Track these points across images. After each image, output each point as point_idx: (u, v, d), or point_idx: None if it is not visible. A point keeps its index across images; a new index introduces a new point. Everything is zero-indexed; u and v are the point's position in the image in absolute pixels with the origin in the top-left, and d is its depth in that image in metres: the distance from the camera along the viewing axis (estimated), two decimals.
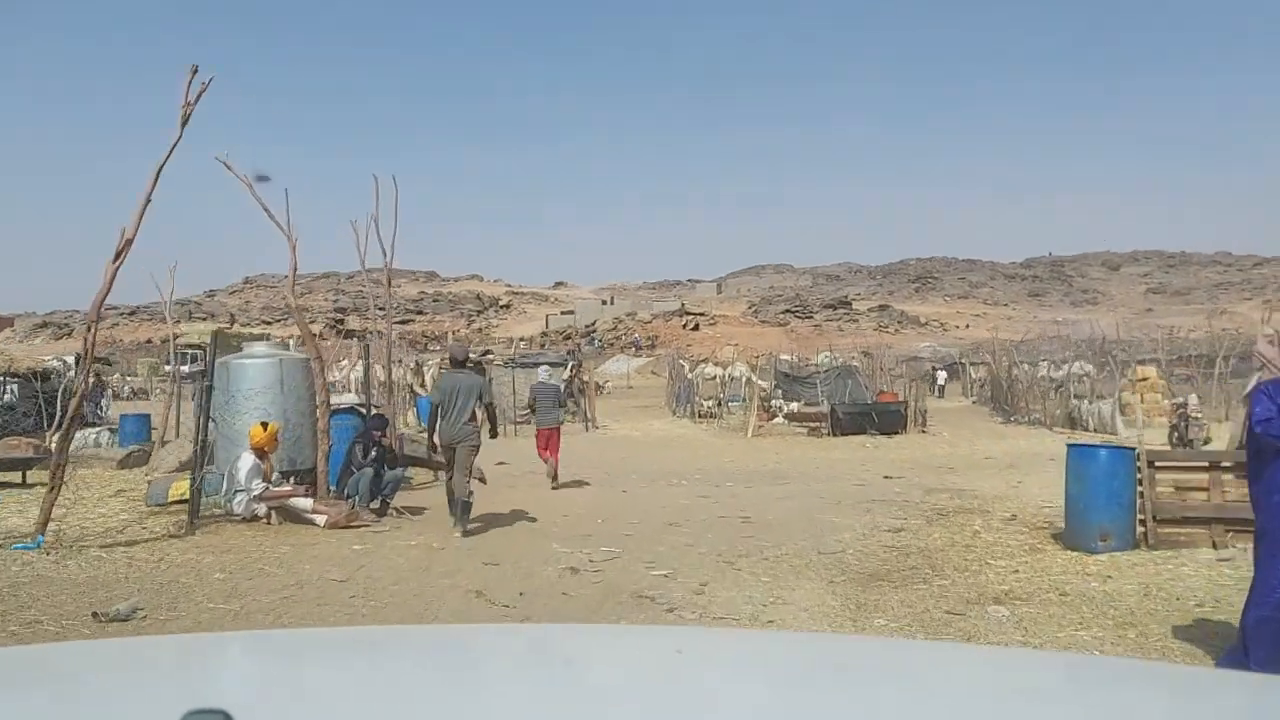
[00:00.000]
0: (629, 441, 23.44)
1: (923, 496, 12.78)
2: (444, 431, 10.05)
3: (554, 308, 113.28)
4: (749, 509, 11.70)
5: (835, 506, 11.93)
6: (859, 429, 22.76)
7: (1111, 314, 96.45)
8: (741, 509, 11.68)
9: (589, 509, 11.69)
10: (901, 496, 12.80)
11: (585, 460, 18.80)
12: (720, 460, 19.00)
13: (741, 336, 77.48)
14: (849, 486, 14.12)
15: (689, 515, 11.17)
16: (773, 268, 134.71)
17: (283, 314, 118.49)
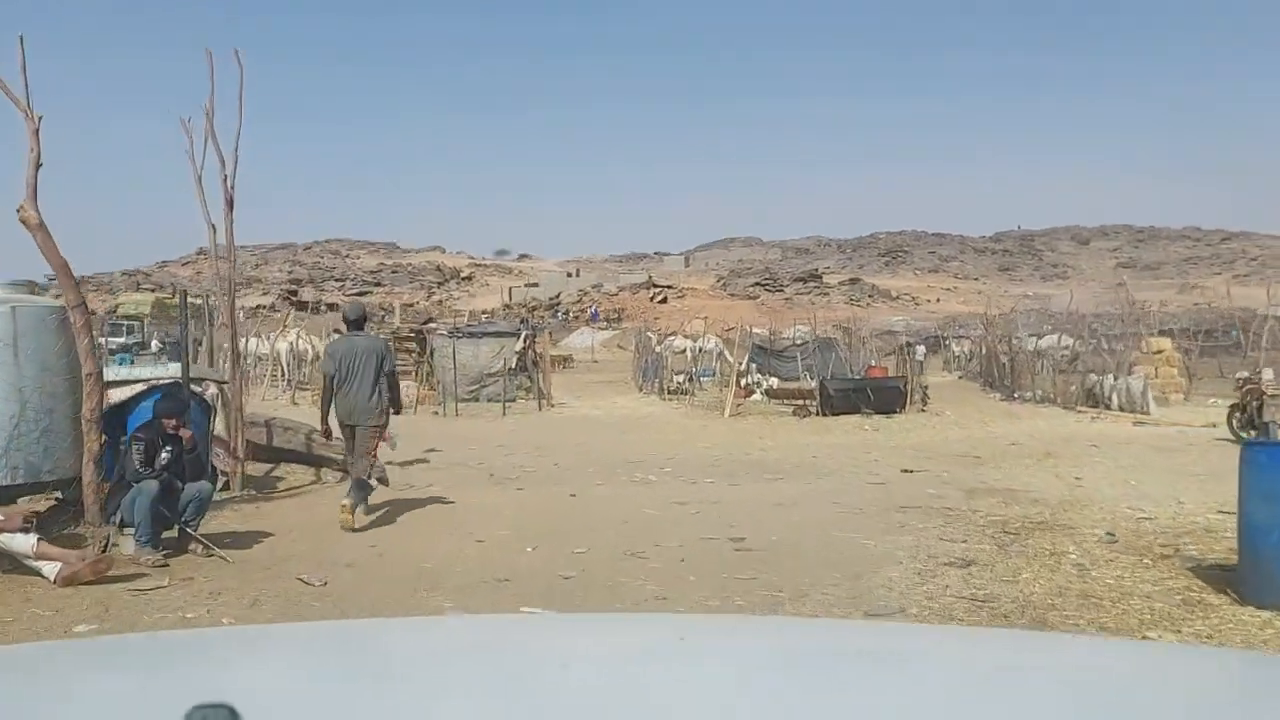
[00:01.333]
0: (589, 422, 20.11)
1: (966, 501, 9.58)
2: (341, 407, 8.21)
3: (518, 280, 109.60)
4: (742, 523, 8.41)
5: (857, 518, 8.70)
6: (852, 408, 19.60)
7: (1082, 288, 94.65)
8: (731, 523, 8.39)
9: (519, 526, 8.32)
10: (938, 500, 9.59)
11: (532, 448, 15.46)
12: (696, 446, 15.72)
13: (710, 309, 74.35)
14: (864, 485, 10.90)
15: (659, 535, 7.87)
16: (741, 241, 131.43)
17: (236, 284, 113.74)
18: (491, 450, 15.30)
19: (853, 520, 8.60)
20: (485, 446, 15.80)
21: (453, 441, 16.57)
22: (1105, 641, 3.21)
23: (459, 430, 18.59)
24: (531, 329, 25.32)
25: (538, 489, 10.80)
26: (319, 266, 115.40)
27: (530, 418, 20.87)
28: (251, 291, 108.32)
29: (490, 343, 25.02)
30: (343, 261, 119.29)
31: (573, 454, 14.71)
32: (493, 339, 25.21)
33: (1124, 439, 15.48)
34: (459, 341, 25.09)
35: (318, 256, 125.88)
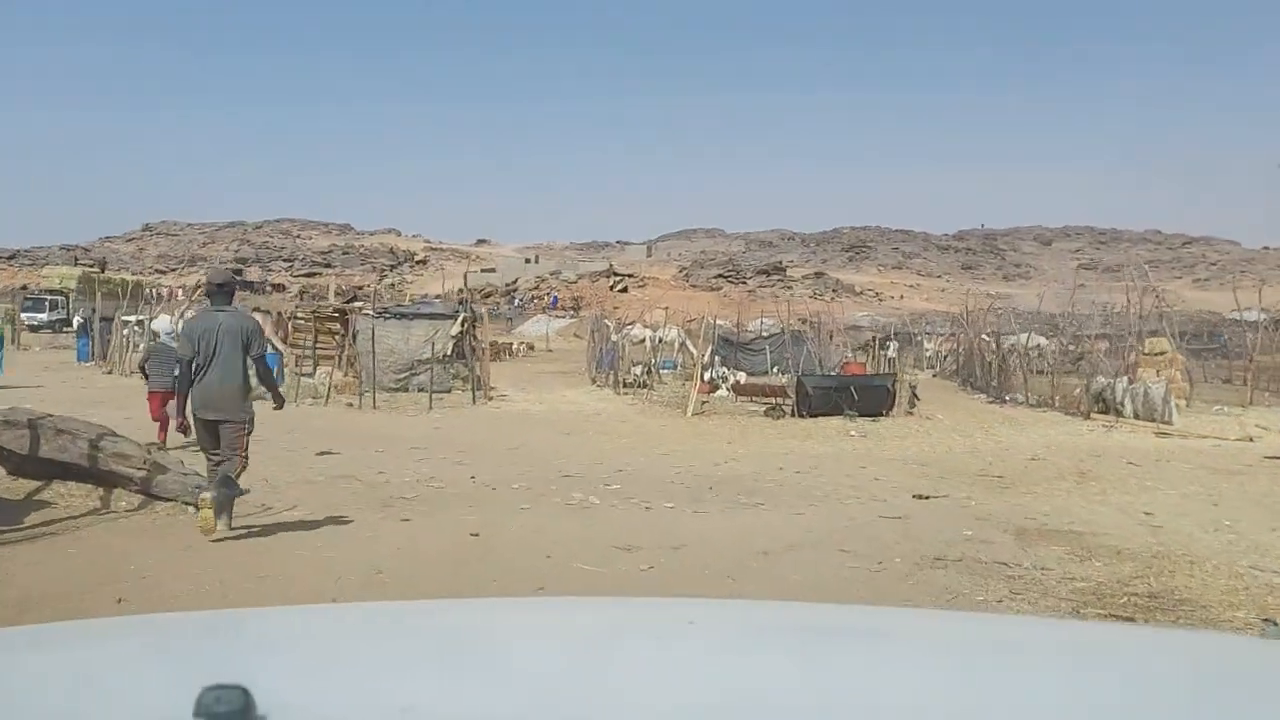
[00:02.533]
0: (529, 420, 17.25)
1: (1022, 550, 6.90)
2: (197, 397, 6.88)
3: (474, 265, 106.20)
4: (716, 588, 5.67)
5: (880, 579, 5.99)
6: (833, 408, 16.95)
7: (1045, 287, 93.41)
8: (701, 589, 5.64)
9: (370, 595, 5.47)
10: (984, 548, 6.90)
11: (453, 452, 12.60)
12: (653, 453, 12.94)
13: (672, 300, 71.65)
14: (873, 518, 8.18)
15: None
16: (704, 232, 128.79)
17: (179, 262, 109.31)
18: (402, 455, 12.43)
19: (876, 583, 5.88)
20: (396, 449, 12.91)
21: (359, 442, 13.66)
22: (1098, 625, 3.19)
23: (372, 427, 15.65)
24: (470, 311, 22.30)
25: (433, 519, 7.92)
26: (268, 246, 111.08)
27: (462, 413, 17.97)
28: (195, 270, 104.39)
29: (422, 326, 22.02)
30: (293, 242, 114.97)
31: (500, 462, 11.86)
32: (425, 321, 22.22)
33: (1159, 454, 12.95)
34: (387, 323, 22.04)
35: (268, 236, 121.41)
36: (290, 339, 23.64)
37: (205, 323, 6.99)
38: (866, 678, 1.25)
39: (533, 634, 1.51)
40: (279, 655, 1.35)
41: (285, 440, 14.00)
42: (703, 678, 1.21)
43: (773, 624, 1.65)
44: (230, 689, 0.87)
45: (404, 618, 1.71)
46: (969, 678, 1.26)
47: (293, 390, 19.22)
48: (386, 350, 21.90)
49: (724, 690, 1.15)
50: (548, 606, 2.33)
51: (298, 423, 16.38)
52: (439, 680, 1.20)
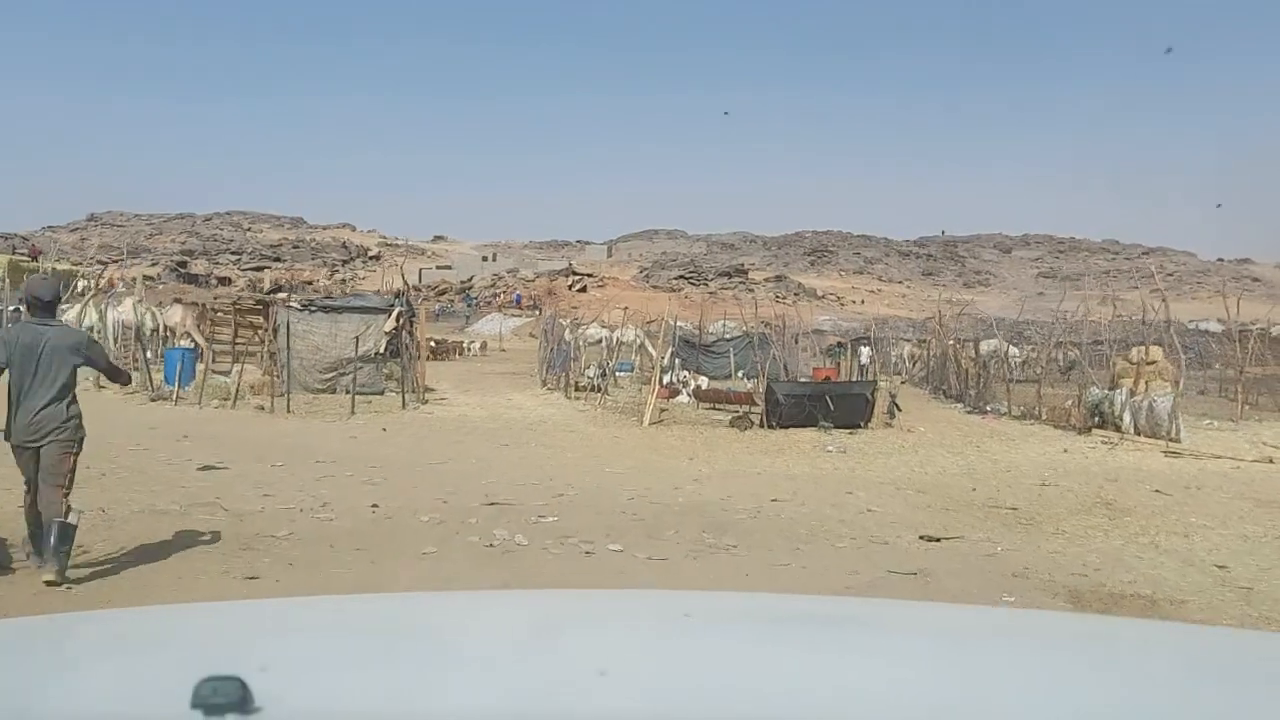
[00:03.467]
0: (464, 428, 15.18)
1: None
2: (19, 423, 5.69)
3: (430, 261, 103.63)
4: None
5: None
6: (806, 418, 15.10)
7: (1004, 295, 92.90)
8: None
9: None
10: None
11: (363, 469, 10.56)
12: (602, 471, 10.97)
13: (632, 300, 69.61)
14: (881, 574, 6.27)
15: None
16: (665, 233, 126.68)
17: (122, 253, 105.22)
18: (302, 471, 10.37)
19: None
20: (298, 464, 10.85)
21: (258, 453, 11.57)
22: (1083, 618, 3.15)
23: (279, 435, 13.52)
24: (407, 305, 20.16)
25: (293, 574, 5.88)
26: (216, 238, 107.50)
27: (389, 419, 15.85)
28: (139, 261, 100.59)
29: (353, 320, 19.84)
30: (242, 234, 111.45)
31: (417, 483, 9.84)
32: (356, 316, 20.04)
33: (1185, 480, 11.22)
34: (312, 317, 19.84)
35: (217, 228, 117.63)
36: (209, 333, 21.31)
37: (27, 337, 5.85)
38: (855, 667, 1.25)
39: (528, 626, 1.50)
40: (275, 647, 1.33)
41: (171, 450, 11.88)
42: (694, 668, 1.21)
43: (766, 615, 1.66)
44: (227, 680, 0.87)
45: (401, 609, 1.71)
46: (962, 668, 1.26)
47: (198, 391, 17.03)
48: (312, 347, 19.71)
49: (713, 679, 1.16)
50: (544, 599, 2.20)
51: (196, 428, 14.26)
52: (433, 672, 1.19)
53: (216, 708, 0.86)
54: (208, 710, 0.86)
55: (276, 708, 0.91)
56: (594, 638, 1.43)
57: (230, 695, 0.87)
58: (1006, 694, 1.14)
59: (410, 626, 1.51)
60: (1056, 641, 1.50)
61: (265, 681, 0.92)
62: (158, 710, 0.98)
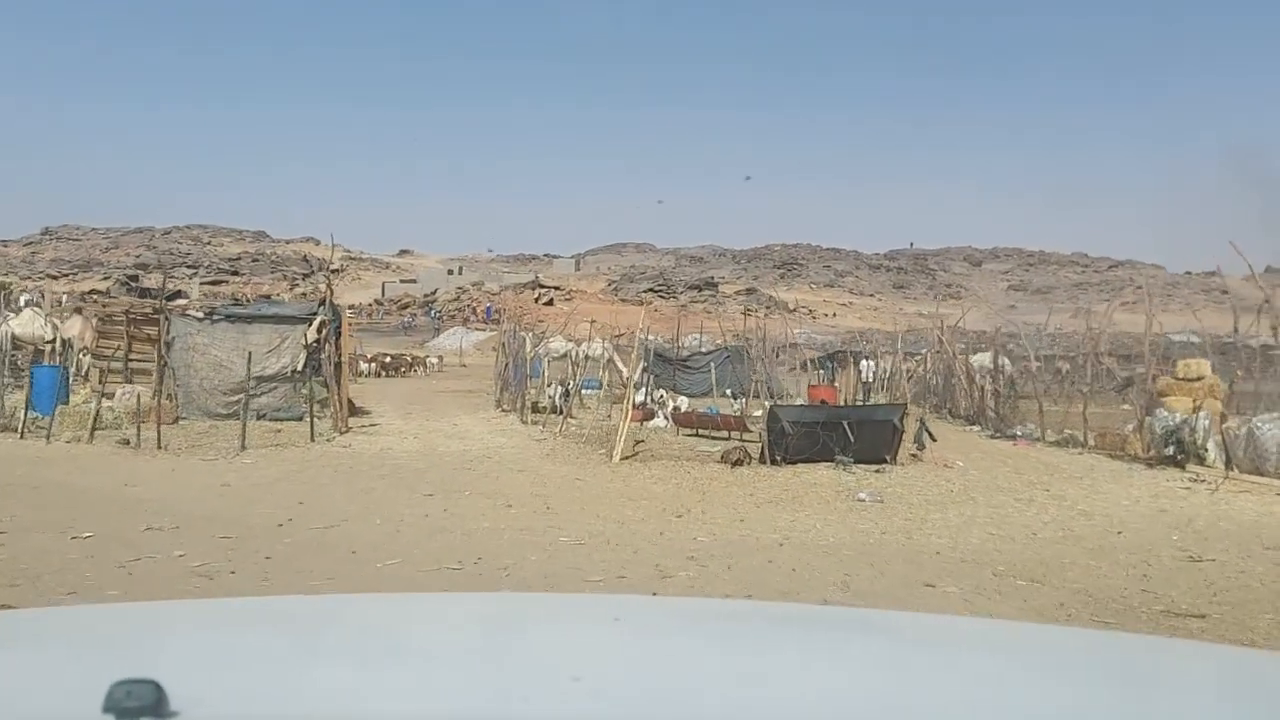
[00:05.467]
0: (384, 467, 11.61)
1: None
2: None
3: (394, 275, 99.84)
4: None
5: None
6: (817, 452, 11.72)
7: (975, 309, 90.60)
8: None
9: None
10: None
11: (209, 541, 7.02)
12: (554, 545, 7.47)
13: (600, 313, 66.28)
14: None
15: None
16: (634, 246, 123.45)
17: (75, 268, 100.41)
18: (106, 549, 6.86)
19: None
20: (115, 532, 7.34)
21: (69, 511, 8.04)
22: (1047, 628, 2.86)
23: (127, 482, 9.93)
24: (332, 312, 16.56)
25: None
26: (173, 253, 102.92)
27: (288, 456, 12.25)
28: (91, 276, 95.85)
29: (264, 331, 16.23)
30: (201, 248, 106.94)
31: (272, 570, 6.34)
32: (268, 326, 16.41)
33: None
34: (214, 328, 16.18)
35: (176, 242, 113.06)
36: (97, 347, 17.59)
37: None
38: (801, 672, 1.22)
39: (451, 629, 1.45)
40: (193, 648, 1.28)
41: None
42: (625, 671, 1.19)
43: (696, 619, 1.64)
44: (141, 683, 0.84)
45: (319, 611, 1.65)
46: (913, 675, 1.24)
47: (60, 419, 13.36)
48: (213, 364, 16.07)
49: (645, 683, 1.13)
50: (464, 601, 2.10)
51: (23, 470, 10.66)
52: (353, 673, 1.15)
53: (130, 711, 0.82)
54: (120, 714, 0.82)
55: (193, 711, 0.87)
56: (526, 642, 1.36)
57: (145, 699, 0.83)
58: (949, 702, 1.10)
59: (329, 628, 1.43)
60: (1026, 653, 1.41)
61: (182, 684, 0.87)
62: (68, 714, 0.93)
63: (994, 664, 1.31)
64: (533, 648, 1.32)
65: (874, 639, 1.46)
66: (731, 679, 1.16)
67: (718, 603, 2.80)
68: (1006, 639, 1.56)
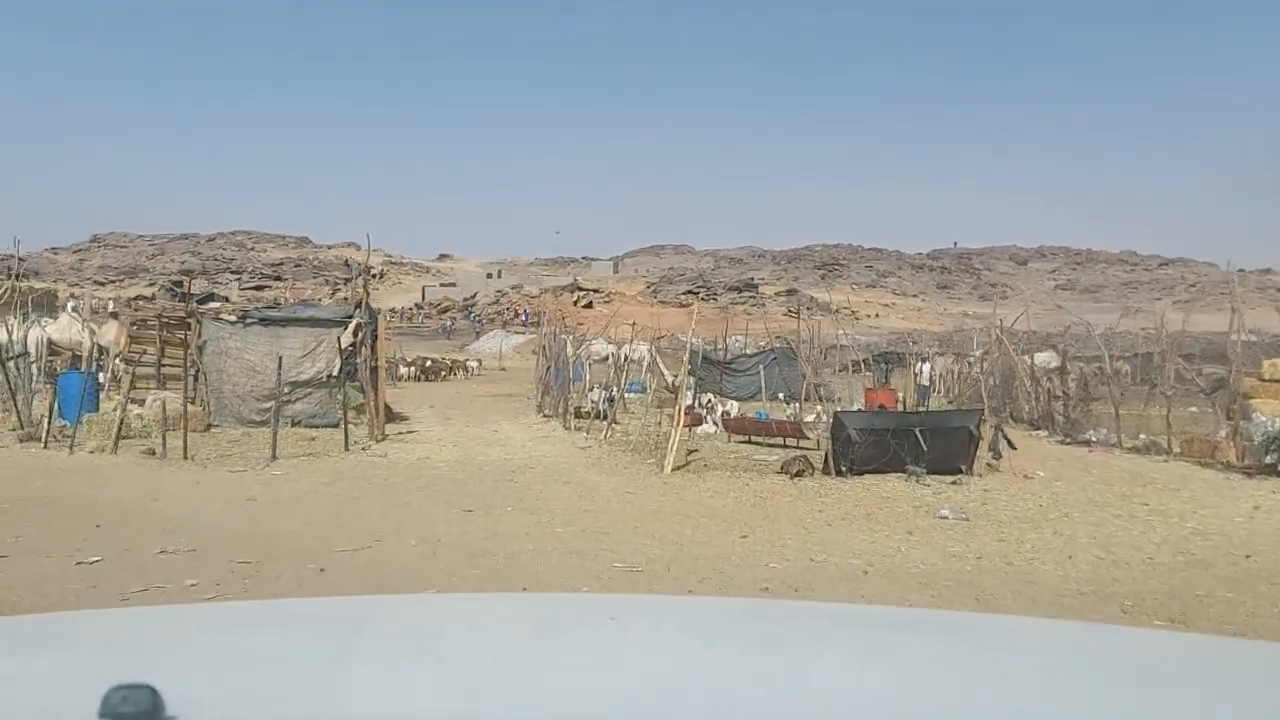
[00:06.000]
0: (421, 478, 10.84)
1: None
2: None
3: (435, 279, 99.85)
4: None
5: None
6: (887, 462, 10.76)
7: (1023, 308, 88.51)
8: None
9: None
10: None
11: (228, 566, 6.23)
12: (608, 572, 6.63)
13: (640, 316, 65.56)
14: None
15: None
16: (672, 248, 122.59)
17: (121, 274, 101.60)
18: (112, 576, 6.15)
19: None
20: (126, 555, 6.63)
21: (81, 531, 7.35)
22: None
23: (150, 496, 9.25)
24: (369, 314, 15.88)
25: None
26: (218, 258, 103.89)
27: (320, 466, 11.52)
28: (137, 281, 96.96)
29: (299, 335, 15.59)
30: (245, 254, 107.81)
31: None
32: (304, 329, 15.76)
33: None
34: (247, 332, 15.56)
35: (220, 248, 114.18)
36: (130, 352, 17.06)
37: None
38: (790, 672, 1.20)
39: (446, 630, 1.42)
40: (188, 653, 1.28)
41: None
42: (627, 674, 1.17)
43: (693, 618, 1.62)
44: (137, 688, 0.84)
45: (313, 614, 1.65)
46: (906, 672, 1.22)
47: (88, 427, 12.77)
48: (246, 369, 15.46)
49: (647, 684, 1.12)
50: (467, 603, 2.08)
51: (40, 484, 9.97)
52: (347, 676, 1.14)
53: (126, 716, 0.81)
54: (116, 719, 0.81)
55: (189, 715, 0.87)
56: (522, 642, 1.35)
57: (141, 703, 0.82)
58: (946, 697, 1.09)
59: (323, 631, 1.41)
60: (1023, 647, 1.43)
61: (178, 688, 0.87)
62: (64, 719, 0.93)
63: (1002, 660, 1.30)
64: (527, 648, 1.29)
65: (884, 635, 1.45)
66: (745, 678, 1.14)
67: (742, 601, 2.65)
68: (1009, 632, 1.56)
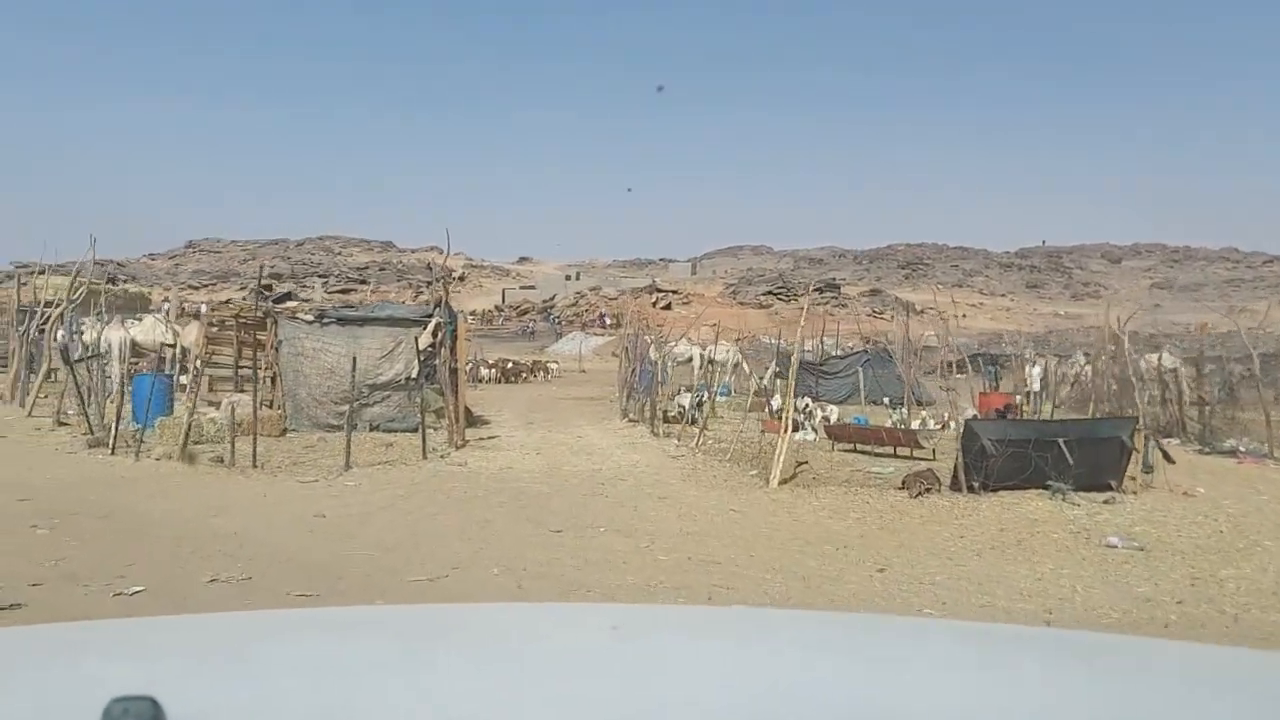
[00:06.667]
0: (504, 490, 9.84)
1: None
2: None
3: (514, 282, 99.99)
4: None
5: None
6: (1028, 477, 9.38)
7: (1118, 308, 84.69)
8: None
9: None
10: None
11: (281, 597, 5.13)
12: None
13: (719, 317, 64.35)
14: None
15: None
16: (751, 249, 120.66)
17: (214, 278, 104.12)
18: (149, 614, 5.22)
19: None
20: (169, 581, 5.73)
21: (128, 551, 6.52)
22: None
23: (211, 509, 8.41)
24: (448, 314, 15.01)
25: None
26: (305, 262, 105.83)
27: (397, 477, 10.61)
28: (229, 285, 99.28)
29: (377, 335, 14.80)
30: (331, 258, 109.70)
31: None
32: (382, 329, 14.97)
33: None
34: (324, 331, 14.83)
35: (309, 252, 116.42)
36: (202, 354, 16.52)
37: None
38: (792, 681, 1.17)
39: (444, 639, 1.39)
40: (190, 664, 1.25)
41: None
42: (628, 685, 1.15)
43: (695, 628, 1.57)
44: (138, 700, 0.83)
45: (318, 624, 1.62)
46: (919, 683, 1.18)
47: (159, 431, 12.13)
48: (324, 370, 14.73)
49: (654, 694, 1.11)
50: (465, 612, 1.94)
51: (94, 495, 9.26)
52: (352, 687, 1.11)
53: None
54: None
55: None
56: (522, 651, 1.30)
57: (142, 715, 0.82)
58: None
59: (328, 642, 1.36)
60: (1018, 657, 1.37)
61: (180, 701, 0.86)
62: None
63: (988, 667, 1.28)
64: (527, 659, 1.26)
65: (885, 643, 1.42)
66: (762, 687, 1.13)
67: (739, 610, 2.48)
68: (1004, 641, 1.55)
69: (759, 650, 1.35)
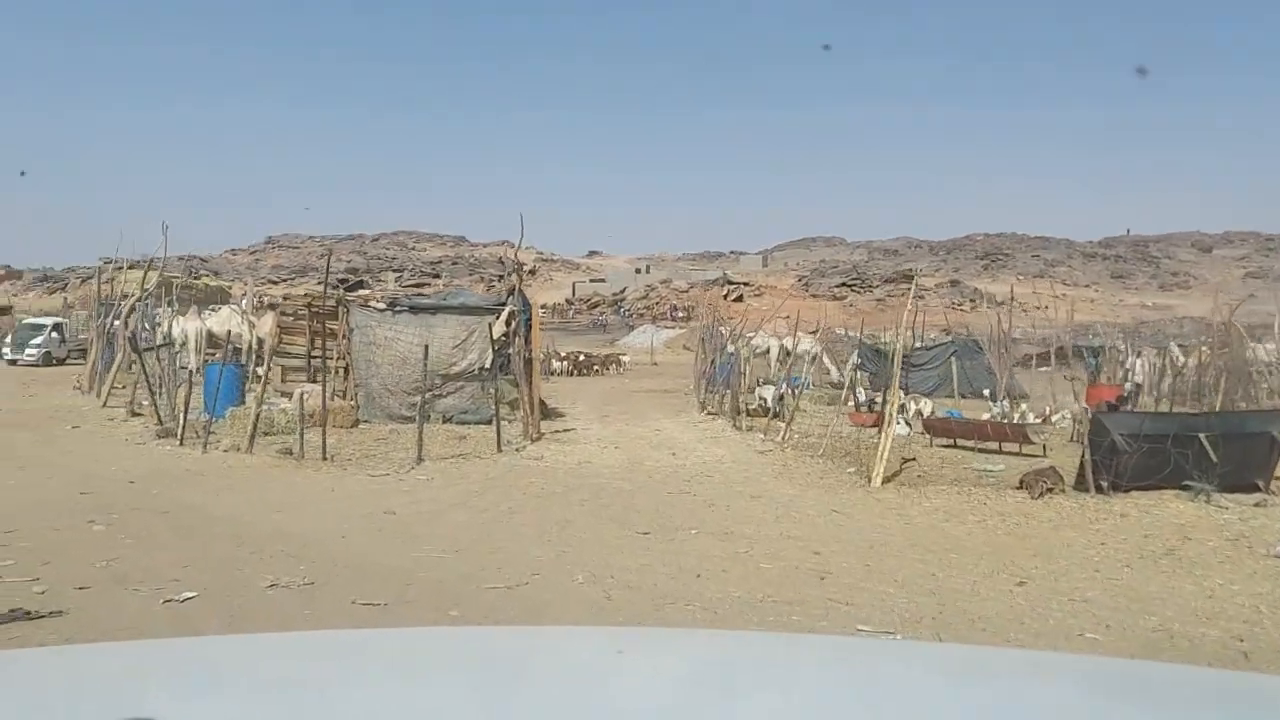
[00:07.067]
0: (583, 487, 9.17)
1: None
2: None
3: (585, 275, 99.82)
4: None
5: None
6: (1167, 476, 8.35)
7: (1209, 299, 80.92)
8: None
9: None
10: None
11: (344, 607, 4.46)
12: (852, 635, 4.68)
13: (792, 309, 63.13)
14: None
15: None
16: (823, 240, 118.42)
17: (292, 273, 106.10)
18: (199, 624, 4.64)
19: None
20: (217, 596, 5.16)
21: (183, 550, 5.99)
22: None
23: (275, 506, 7.90)
24: (522, 302, 14.39)
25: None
26: (381, 257, 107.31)
27: (471, 471, 10.01)
28: (307, 280, 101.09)
29: (450, 323, 14.27)
30: (406, 253, 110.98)
31: None
32: (455, 317, 14.43)
33: None
34: (396, 319, 14.33)
35: (384, 247, 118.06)
36: (276, 344, 16.21)
37: None
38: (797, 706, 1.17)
39: (450, 663, 1.38)
40: (194, 686, 1.25)
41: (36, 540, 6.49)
42: (634, 709, 1.14)
43: (699, 652, 1.57)
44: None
45: (319, 647, 1.60)
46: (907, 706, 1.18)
47: (229, 422, 11.74)
48: (396, 360, 14.25)
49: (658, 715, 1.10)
50: (471, 636, 1.99)
51: (158, 489, 8.83)
52: (351, 709, 1.12)
53: None
54: None
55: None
56: (528, 675, 1.28)
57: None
58: None
59: (335, 664, 1.36)
60: None
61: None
62: None
63: None
64: (533, 683, 1.25)
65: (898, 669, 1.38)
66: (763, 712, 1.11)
67: None
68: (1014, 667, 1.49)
69: (763, 675, 1.33)
